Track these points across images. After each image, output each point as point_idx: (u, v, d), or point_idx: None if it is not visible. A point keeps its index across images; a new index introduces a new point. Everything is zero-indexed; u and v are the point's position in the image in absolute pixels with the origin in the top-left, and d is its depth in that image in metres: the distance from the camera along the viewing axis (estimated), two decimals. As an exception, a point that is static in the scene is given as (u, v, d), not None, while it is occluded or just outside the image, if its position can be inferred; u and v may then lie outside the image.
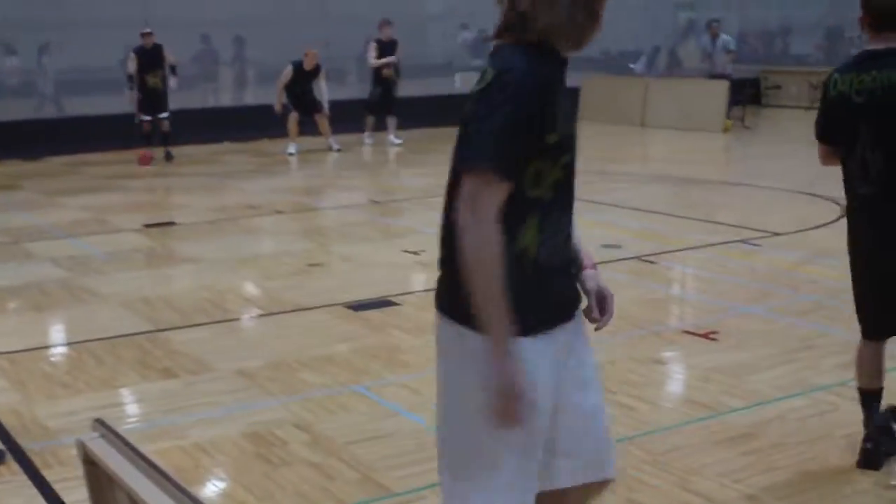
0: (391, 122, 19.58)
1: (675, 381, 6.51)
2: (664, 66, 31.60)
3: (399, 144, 19.29)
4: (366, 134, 19.45)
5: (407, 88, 21.08)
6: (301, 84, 17.79)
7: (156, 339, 7.33)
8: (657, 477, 4.92)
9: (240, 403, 6.02)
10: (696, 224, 11.16)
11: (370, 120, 19.45)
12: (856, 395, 5.85)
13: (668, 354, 6.89)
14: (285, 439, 5.45)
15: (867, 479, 4.91)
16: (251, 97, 25.98)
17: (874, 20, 4.63)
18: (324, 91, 18.07)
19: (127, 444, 2.79)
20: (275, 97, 17.91)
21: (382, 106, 19.34)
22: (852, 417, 5.58)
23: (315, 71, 17.88)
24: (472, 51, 30.85)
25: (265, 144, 19.10)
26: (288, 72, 17.75)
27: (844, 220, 5.18)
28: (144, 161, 16.90)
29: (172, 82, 17.52)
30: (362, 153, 18.52)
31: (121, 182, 15.18)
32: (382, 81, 19.15)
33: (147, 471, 2.65)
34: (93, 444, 2.86)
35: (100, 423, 2.90)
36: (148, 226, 11.69)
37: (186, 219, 12.21)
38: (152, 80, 17.30)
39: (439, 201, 3.12)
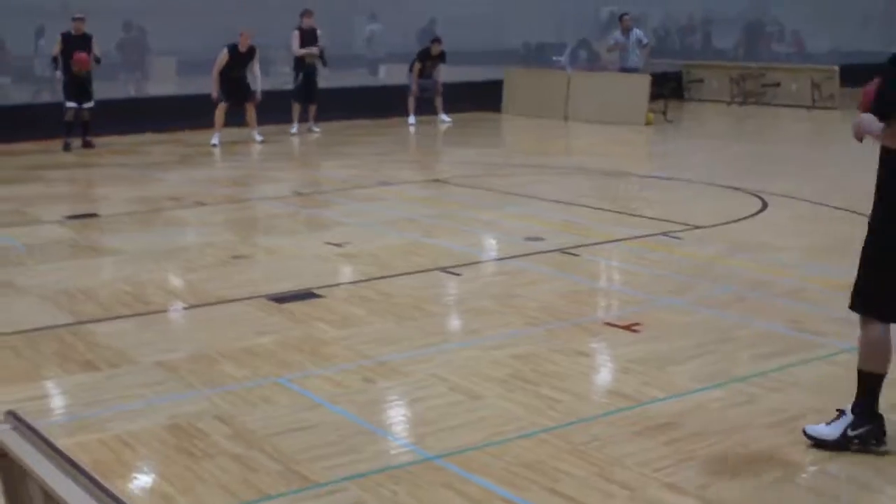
0: (311, 109, 19.79)
1: (598, 372, 6.57)
2: (585, 59, 31.81)
3: (317, 132, 19.52)
4: (296, 124, 19.51)
5: (330, 80, 21.08)
6: (237, 68, 17.67)
7: (77, 331, 7.24)
8: (579, 467, 4.96)
9: (161, 396, 5.97)
10: (619, 217, 11.25)
11: (296, 108, 19.50)
12: (775, 385, 5.99)
13: (590, 346, 6.94)
14: (207, 431, 5.41)
15: (784, 468, 4.99)
16: (174, 87, 25.70)
17: None
18: (257, 75, 17.97)
19: (40, 436, 2.76)
20: (211, 84, 17.77)
21: (305, 94, 19.42)
22: (770, 407, 5.70)
23: (250, 53, 17.76)
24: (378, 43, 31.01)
25: (187, 135, 18.92)
26: (224, 55, 17.64)
27: (764, 215, 5.30)
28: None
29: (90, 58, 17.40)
30: (287, 144, 18.42)
31: (42, 173, 14.95)
32: (305, 69, 19.21)
33: (61, 463, 2.62)
34: (4, 435, 2.82)
35: (12, 416, 2.87)
36: (70, 217, 11.54)
37: (109, 210, 12.06)
38: (76, 68, 17.15)
39: (363, 193, 3.14)
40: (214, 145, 17.61)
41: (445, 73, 21.39)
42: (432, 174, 15.50)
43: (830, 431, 5.17)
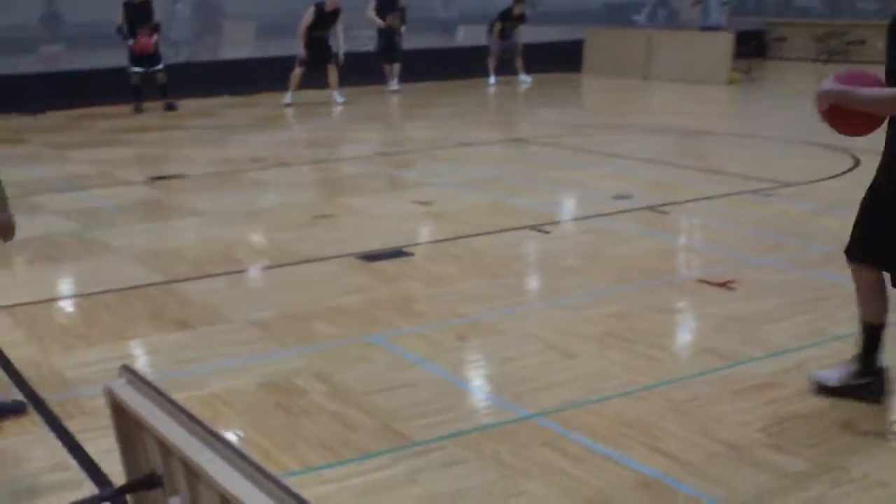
0: (396, 68, 20.02)
1: (693, 330, 6.46)
2: (665, 17, 31.39)
3: (396, 91, 19.76)
4: (391, 80, 19.95)
5: (411, 41, 21.04)
6: (321, 27, 17.73)
7: (168, 290, 7.29)
8: (680, 426, 4.88)
9: (256, 354, 5.99)
10: (707, 175, 11.10)
11: (386, 68, 19.75)
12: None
13: (684, 304, 6.85)
14: (304, 389, 5.41)
15: (881, 424, 4.89)
16: (252, 50, 25.78)
17: None
18: (340, 38, 18.00)
19: (155, 389, 2.76)
20: (297, 44, 17.85)
21: (388, 54, 19.65)
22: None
23: (335, 13, 17.79)
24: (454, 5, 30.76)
25: (266, 97, 18.97)
26: (310, 13, 17.70)
27: (856, 172, 5.24)
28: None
29: (154, 38, 17.61)
30: (367, 105, 18.40)
31: (124, 136, 15.10)
32: (387, 30, 19.32)
33: (176, 415, 2.62)
34: (120, 390, 2.82)
35: (126, 370, 2.86)
36: (154, 178, 11.64)
37: (192, 171, 12.13)
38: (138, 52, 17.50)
39: (445, 153, 3.09)
40: (287, 105, 17.70)
41: (525, 34, 21.25)
42: (514, 134, 15.41)
43: (834, 376, 5.18)
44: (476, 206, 9.84)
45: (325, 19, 17.72)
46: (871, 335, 5.11)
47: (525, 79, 21.13)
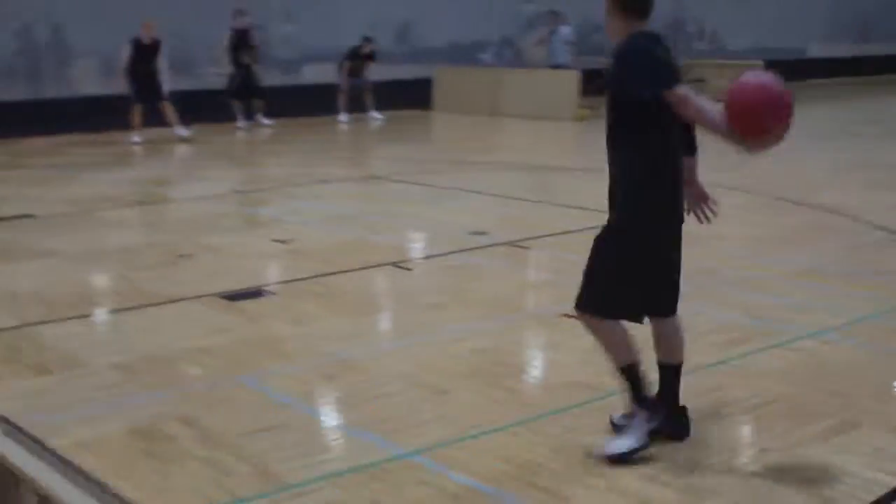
0: (258, 104, 20.01)
1: (560, 363, 6.43)
2: (511, 56, 31.82)
3: (268, 124, 19.82)
4: (242, 119, 19.78)
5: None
6: (143, 63, 17.41)
7: (23, 334, 7.05)
8: (556, 460, 4.91)
9: (120, 399, 5.81)
10: (562, 210, 11.25)
11: (237, 105, 19.54)
12: (739, 374, 6.00)
13: (549, 337, 6.90)
14: (172, 434, 5.27)
15: (769, 456, 4.99)
16: (94, 87, 25.23)
17: None
18: (163, 71, 17.69)
19: (33, 439, 2.66)
20: (120, 80, 17.61)
21: (246, 90, 19.55)
22: (738, 395, 5.71)
23: (155, 46, 17.52)
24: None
25: (112, 135, 18.60)
26: (126, 50, 17.40)
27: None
28: None
29: None
30: (217, 143, 18.19)
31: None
32: (243, 68, 19.25)
33: (58, 466, 2.53)
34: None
35: (2, 420, 2.77)
36: (2, 219, 11.27)
37: (41, 211, 11.78)
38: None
39: (301, 191, 3.07)
40: (136, 143, 17.44)
41: (374, 73, 21.33)
42: (369, 171, 15.41)
43: (625, 441, 5.01)
44: (336, 243, 9.79)
45: (144, 54, 17.46)
46: (635, 374, 5.11)
47: (376, 116, 21.17)
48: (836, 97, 26.35)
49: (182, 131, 17.84)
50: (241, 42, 19.41)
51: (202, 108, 19.09)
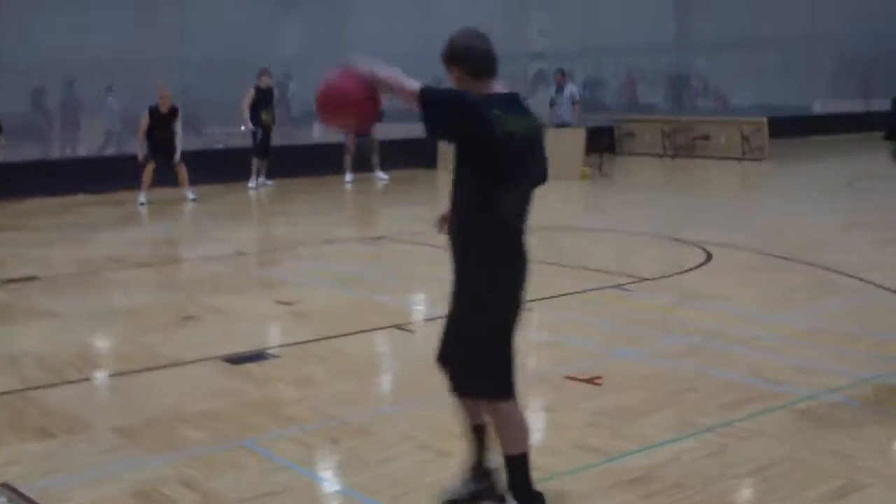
0: (262, 165, 20.19)
1: (565, 426, 6.45)
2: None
3: (270, 185, 20.02)
4: (254, 179, 19.98)
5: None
6: (160, 128, 17.66)
7: (27, 397, 7.05)
8: (559, 524, 4.89)
9: (122, 462, 5.80)
10: (568, 270, 11.25)
11: (255, 164, 19.72)
12: (743, 435, 5.98)
13: (554, 400, 6.88)
14: (174, 498, 5.26)
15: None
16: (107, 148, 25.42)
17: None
18: (178, 136, 17.93)
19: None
20: (137, 146, 17.77)
21: (264, 150, 19.97)
22: (743, 457, 5.68)
23: (172, 113, 17.76)
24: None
25: (121, 195, 18.69)
26: (145, 117, 17.65)
27: (710, 265, 5.38)
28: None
29: None
30: (221, 203, 18.25)
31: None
32: (264, 126, 19.63)
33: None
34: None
35: (5, 487, 2.76)
36: (7, 281, 11.30)
37: (45, 272, 11.80)
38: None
39: (306, 251, 3.10)
40: (142, 203, 17.59)
41: (381, 132, 21.40)
42: (375, 231, 15.45)
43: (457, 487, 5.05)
44: (340, 304, 9.80)
45: (161, 120, 17.70)
46: (481, 436, 5.08)
47: (382, 176, 21.25)
48: (842, 153, 26.42)
49: (190, 193, 17.93)
50: (263, 101, 19.62)
51: (209, 167, 19.20)
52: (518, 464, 4.89)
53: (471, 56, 4.76)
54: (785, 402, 6.67)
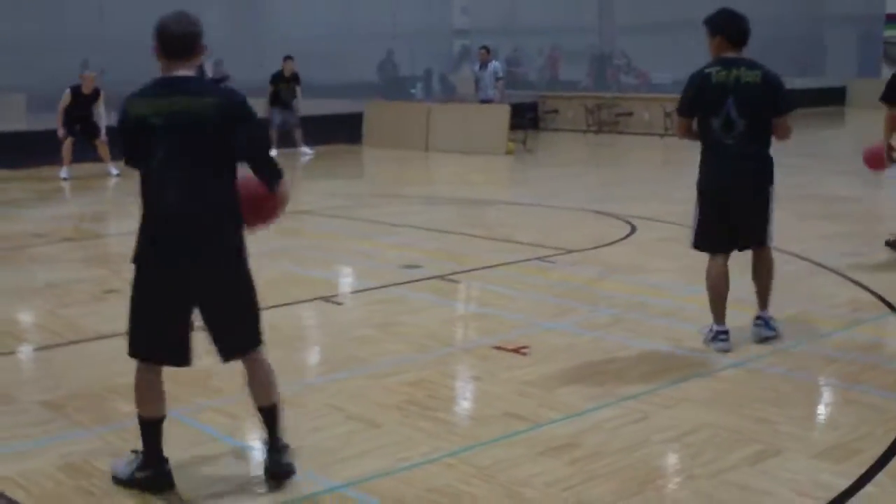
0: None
1: (492, 395, 6.53)
2: (443, 91, 32.09)
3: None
4: None
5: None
6: (80, 108, 17.53)
7: (-50, 372, 7.00)
8: (488, 490, 4.97)
9: (51, 435, 5.79)
10: (492, 243, 11.35)
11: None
12: (666, 402, 6.10)
13: (481, 370, 6.95)
14: (105, 470, 5.26)
15: (684, 481, 5.08)
16: (25, 123, 25.08)
17: None
18: (102, 116, 17.81)
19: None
20: (57, 125, 17.62)
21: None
22: (664, 423, 5.80)
23: (94, 95, 17.66)
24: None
25: (42, 171, 18.46)
26: (66, 95, 17.51)
27: (633, 238, 5.47)
28: None
29: None
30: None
31: None
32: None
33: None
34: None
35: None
36: (-72, 256, 11.17)
37: (-33, 248, 11.67)
38: None
39: None
40: (64, 178, 17.45)
41: (304, 107, 21.36)
42: (300, 206, 15.39)
43: (122, 469, 5.12)
44: (266, 278, 9.69)
45: (83, 101, 17.62)
46: (153, 429, 5.14)
47: (307, 150, 21.20)
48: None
49: (113, 169, 17.76)
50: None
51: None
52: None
53: (159, 38, 4.90)
54: (707, 370, 6.82)
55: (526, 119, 23.49)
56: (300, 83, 21.17)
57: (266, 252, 11.00)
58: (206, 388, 6.53)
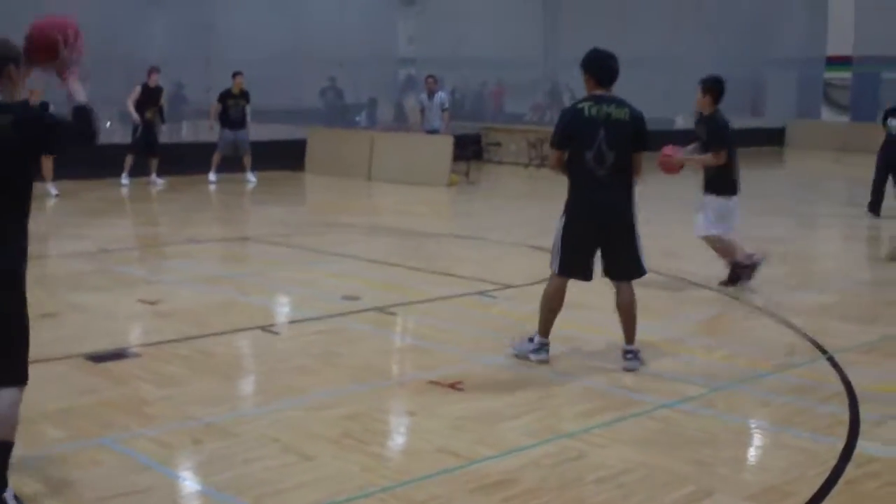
0: (153, 162, 20.01)
1: (427, 430, 6.53)
2: (389, 119, 32.12)
3: (161, 185, 19.77)
4: (123, 175, 19.59)
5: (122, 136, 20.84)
6: None
7: None
8: (420, 526, 4.97)
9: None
10: (433, 276, 11.36)
11: (129, 160, 19.42)
12: (601, 441, 6.13)
13: (417, 404, 6.95)
14: (32, 495, 5.20)
15: (619, 522, 5.11)
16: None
17: None
18: None
19: None
20: None
21: (146, 146, 19.75)
22: (598, 462, 5.83)
23: (41, 109, 17.44)
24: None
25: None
26: None
27: None
28: None
29: None
30: (86, 200, 17.95)
31: None
32: (145, 125, 19.52)
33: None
34: None
35: None
36: None
37: None
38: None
39: (172, 250, 3.14)
40: None
41: (252, 133, 21.21)
42: (241, 232, 15.36)
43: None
44: (205, 305, 9.74)
45: None
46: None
47: (251, 178, 21.00)
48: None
49: (52, 189, 17.57)
50: (150, 99, 19.57)
51: (80, 162, 18.80)
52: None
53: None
54: (641, 409, 6.86)
55: (469, 151, 23.58)
56: (249, 101, 20.87)
57: (206, 278, 10.98)
58: (139, 415, 6.48)
